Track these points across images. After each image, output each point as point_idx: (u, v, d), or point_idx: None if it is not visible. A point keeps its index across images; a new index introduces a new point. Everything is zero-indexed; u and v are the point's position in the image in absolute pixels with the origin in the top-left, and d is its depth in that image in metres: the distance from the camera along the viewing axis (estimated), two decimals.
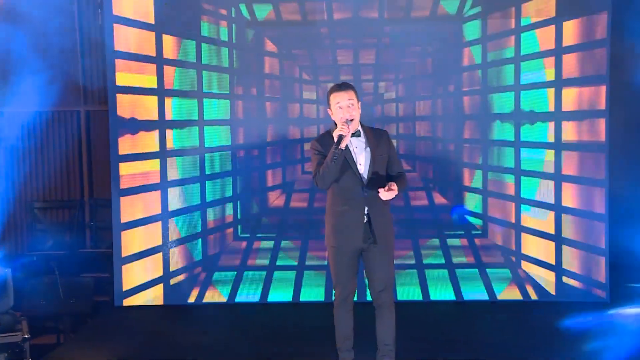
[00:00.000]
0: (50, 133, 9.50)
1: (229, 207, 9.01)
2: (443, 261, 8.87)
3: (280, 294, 8.79)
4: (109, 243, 9.34)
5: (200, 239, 8.91)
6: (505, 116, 8.69)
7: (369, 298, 6.24)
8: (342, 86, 6.07)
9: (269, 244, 8.98)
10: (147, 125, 8.71)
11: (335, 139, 5.87)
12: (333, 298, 6.24)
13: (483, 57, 8.72)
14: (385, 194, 5.84)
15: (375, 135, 6.10)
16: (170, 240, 8.78)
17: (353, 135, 6.00)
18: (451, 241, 8.97)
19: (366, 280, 6.21)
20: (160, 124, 8.72)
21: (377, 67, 8.84)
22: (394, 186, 5.86)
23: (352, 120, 5.95)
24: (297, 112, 8.96)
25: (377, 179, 6.02)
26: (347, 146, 5.99)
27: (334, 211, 6.15)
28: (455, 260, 8.90)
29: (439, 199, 9.01)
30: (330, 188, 6.11)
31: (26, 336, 6.94)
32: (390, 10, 8.70)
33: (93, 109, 9.49)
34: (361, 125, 6.07)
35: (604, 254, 8.54)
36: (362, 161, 6.04)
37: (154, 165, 8.77)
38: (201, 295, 8.77)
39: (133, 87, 8.66)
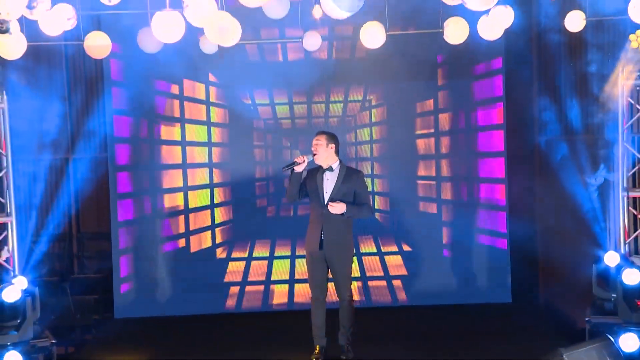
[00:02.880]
0: (47, 178, 10.31)
1: (208, 234, 10.49)
2: (382, 273, 10.49)
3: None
4: (95, 269, 10.61)
5: (187, 261, 10.35)
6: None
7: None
8: (318, 132, 7.90)
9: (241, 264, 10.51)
10: (138, 169, 10.22)
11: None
12: None
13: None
14: (332, 207, 7.62)
15: (347, 173, 7.81)
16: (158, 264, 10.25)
17: (327, 170, 7.77)
18: (389, 258, 10.53)
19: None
20: (151, 167, 10.25)
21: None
22: (339, 203, 7.61)
23: (315, 155, 7.72)
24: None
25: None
26: (320, 176, 7.75)
27: (308, 224, 7.94)
28: (392, 272, 10.48)
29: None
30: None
31: (53, 341, 8.31)
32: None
33: (79, 157, 10.47)
34: (340, 164, 7.82)
35: (507, 266, 10.27)
36: (329, 190, 7.77)
37: (146, 200, 10.28)
38: (189, 308, 10.20)
39: (129, 137, 10.21)
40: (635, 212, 9.18)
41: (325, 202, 7.78)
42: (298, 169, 7.74)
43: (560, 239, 9.88)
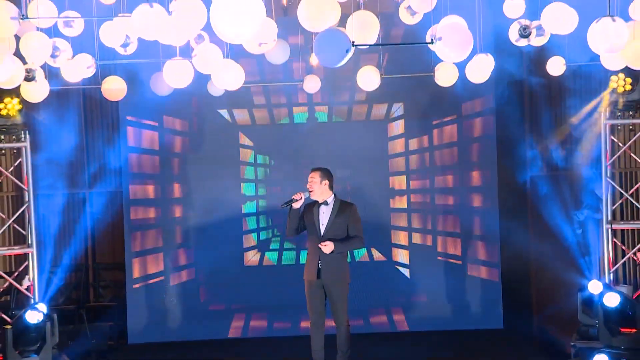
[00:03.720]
0: (66, 211, 10.90)
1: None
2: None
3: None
4: (109, 298, 11.14)
5: (195, 289, 10.87)
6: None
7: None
8: (312, 169, 8.35)
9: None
10: (150, 203, 10.79)
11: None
12: None
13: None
14: (323, 247, 8.10)
15: (341, 207, 8.24)
16: (168, 293, 10.73)
17: (322, 204, 8.22)
18: (388, 287, 10.90)
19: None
20: (162, 201, 10.82)
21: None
22: (329, 242, 8.04)
23: (311, 192, 8.21)
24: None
25: (331, 238, 8.12)
26: (316, 210, 8.19)
27: (307, 254, 8.40)
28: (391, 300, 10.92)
29: (377, 254, 11.07)
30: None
31: None
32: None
33: (96, 192, 11.02)
34: (335, 198, 8.27)
35: (499, 294, 10.70)
36: (324, 222, 8.20)
37: (158, 232, 10.80)
38: (196, 334, 10.68)
39: (142, 174, 10.78)
40: (618, 243, 9.72)
41: (322, 234, 8.19)
42: (296, 205, 8.19)
43: (550, 269, 10.31)
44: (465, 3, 7.54)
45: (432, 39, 5.60)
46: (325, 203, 8.29)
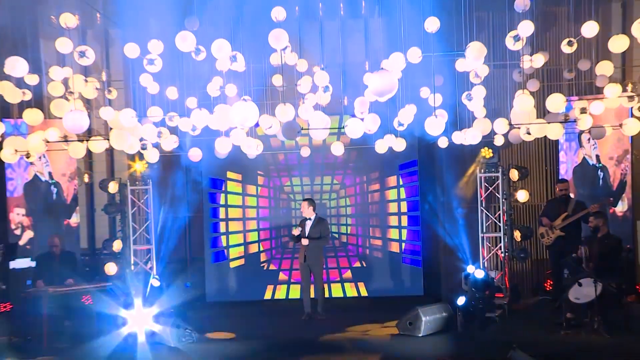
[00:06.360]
0: (173, 226, 11.86)
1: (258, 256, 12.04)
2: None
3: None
4: (200, 276, 12.13)
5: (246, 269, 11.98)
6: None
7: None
8: (303, 199, 9.85)
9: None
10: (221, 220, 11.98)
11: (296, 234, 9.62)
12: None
13: None
14: (303, 241, 9.49)
15: (318, 221, 9.71)
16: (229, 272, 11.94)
17: (308, 219, 9.61)
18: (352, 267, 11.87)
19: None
20: (225, 219, 12.02)
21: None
22: (306, 239, 9.41)
23: (302, 212, 9.61)
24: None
25: (310, 236, 9.54)
26: (305, 223, 9.53)
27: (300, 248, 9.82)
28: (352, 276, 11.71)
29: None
30: None
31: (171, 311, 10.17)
32: None
33: (191, 215, 12.07)
34: (316, 216, 9.64)
35: (421, 272, 11.54)
36: (307, 229, 9.63)
37: (223, 238, 12.13)
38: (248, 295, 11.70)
39: (216, 203, 12.01)
40: (488, 244, 10.88)
41: (306, 235, 9.67)
42: (295, 232, 9.70)
43: (451, 258, 11.26)
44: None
45: (342, 126, 7.03)
46: (310, 219, 9.74)
